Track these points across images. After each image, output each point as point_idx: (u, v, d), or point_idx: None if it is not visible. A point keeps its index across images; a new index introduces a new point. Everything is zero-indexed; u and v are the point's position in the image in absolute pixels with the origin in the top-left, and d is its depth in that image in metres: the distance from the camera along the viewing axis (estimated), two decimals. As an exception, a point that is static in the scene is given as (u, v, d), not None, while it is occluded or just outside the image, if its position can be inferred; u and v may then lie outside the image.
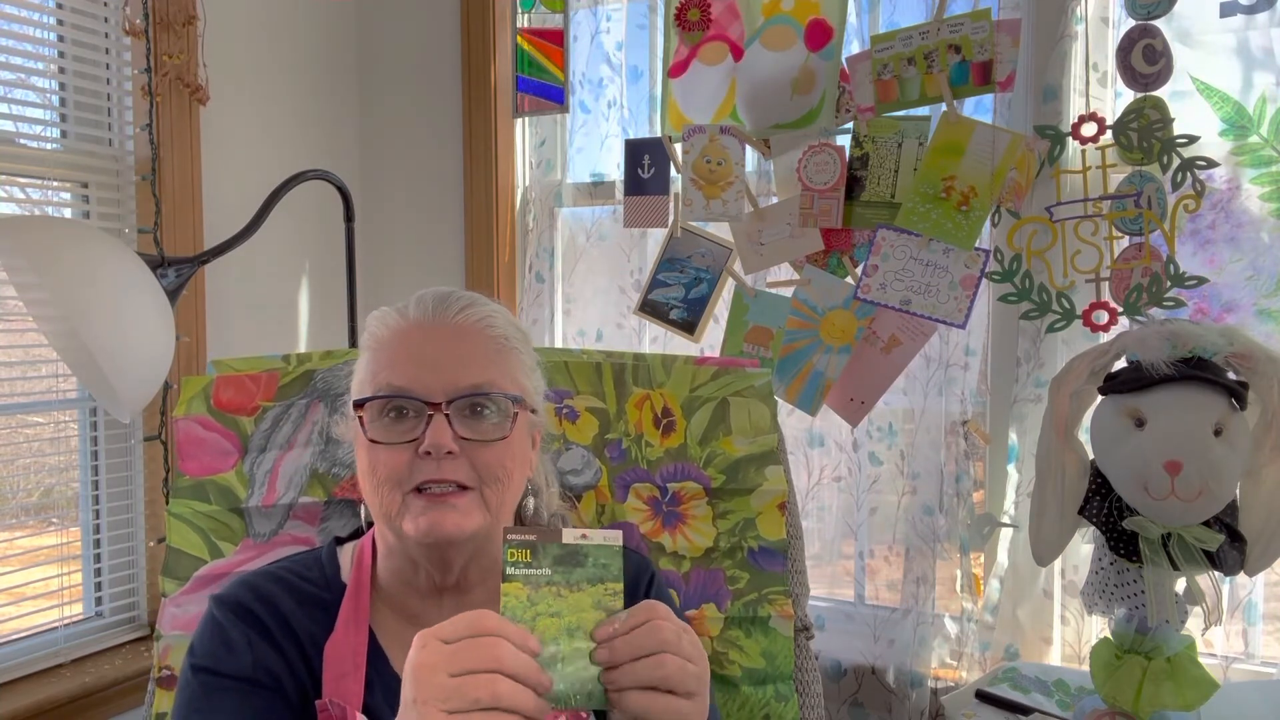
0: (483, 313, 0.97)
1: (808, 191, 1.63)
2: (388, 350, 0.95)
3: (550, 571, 0.76)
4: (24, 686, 1.66)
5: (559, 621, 0.75)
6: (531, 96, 2.15)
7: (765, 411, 1.29)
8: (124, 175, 1.84)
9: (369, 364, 0.96)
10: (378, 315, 0.99)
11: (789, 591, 1.26)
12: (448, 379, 0.92)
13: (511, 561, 0.76)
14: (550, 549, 0.76)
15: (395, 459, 0.92)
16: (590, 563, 0.77)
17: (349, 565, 1.02)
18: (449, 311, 0.96)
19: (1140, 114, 1.49)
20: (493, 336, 0.97)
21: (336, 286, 2.15)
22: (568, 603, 0.76)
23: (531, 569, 0.76)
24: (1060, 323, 1.58)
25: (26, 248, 1.27)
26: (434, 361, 0.93)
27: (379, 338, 0.97)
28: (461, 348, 0.95)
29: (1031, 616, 1.73)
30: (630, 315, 1.98)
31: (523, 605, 0.75)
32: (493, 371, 0.95)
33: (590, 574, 0.77)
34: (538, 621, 0.75)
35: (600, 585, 0.77)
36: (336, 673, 0.94)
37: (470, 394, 0.92)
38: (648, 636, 0.75)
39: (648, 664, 0.75)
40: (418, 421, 0.92)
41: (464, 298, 0.98)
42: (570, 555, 0.77)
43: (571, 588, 0.76)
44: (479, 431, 0.93)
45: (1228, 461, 1.23)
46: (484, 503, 0.93)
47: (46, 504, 1.82)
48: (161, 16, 1.82)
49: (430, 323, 0.96)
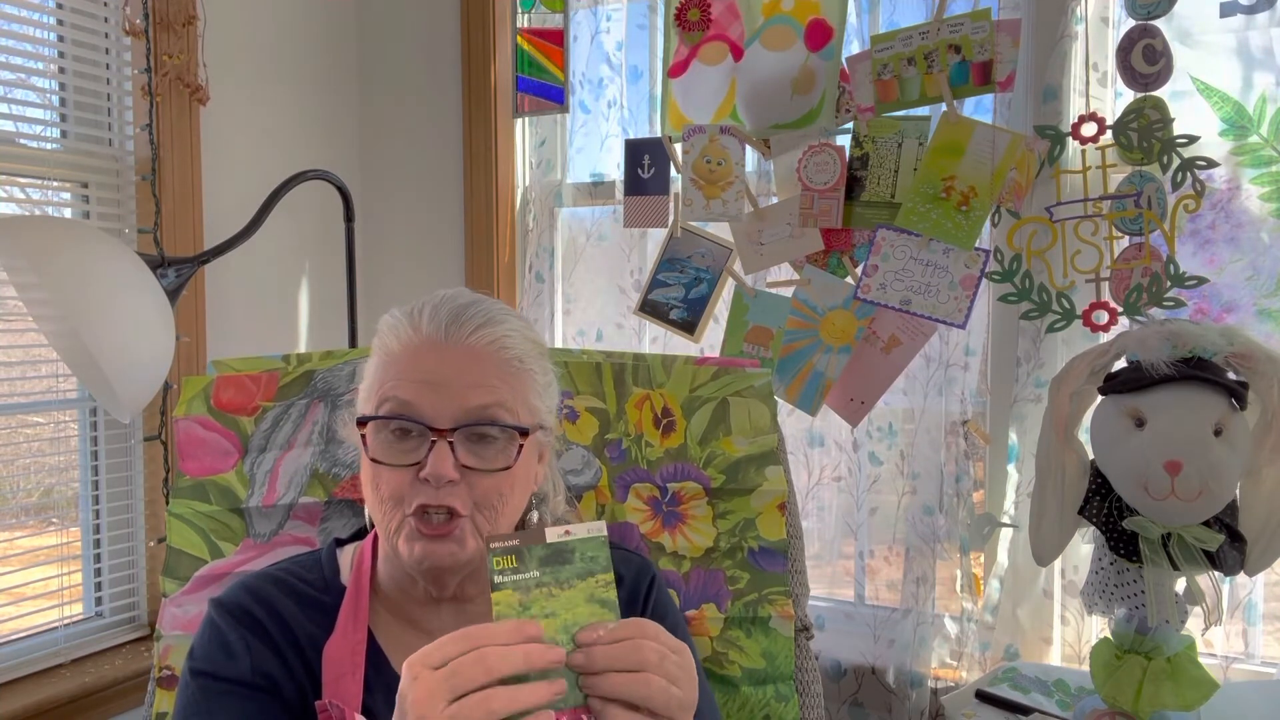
0: (497, 333, 0.94)
1: (808, 191, 1.63)
2: (397, 365, 0.93)
3: (538, 573, 0.75)
4: (24, 686, 1.66)
5: (555, 621, 0.75)
6: (531, 96, 2.15)
7: (765, 412, 1.29)
8: (124, 175, 1.84)
9: (376, 375, 0.95)
10: (390, 321, 0.97)
11: (789, 592, 1.26)
12: (455, 404, 0.90)
13: (499, 570, 0.75)
14: (535, 551, 0.76)
15: (396, 479, 0.91)
16: (577, 557, 0.76)
17: (349, 567, 1.02)
18: (463, 331, 0.93)
19: (1140, 114, 1.49)
20: (506, 359, 0.94)
21: (336, 286, 2.15)
22: (560, 601, 0.75)
23: (519, 574, 0.75)
24: (1060, 323, 1.58)
25: (26, 248, 1.27)
26: (442, 384, 0.91)
27: (389, 349, 0.95)
28: (472, 371, 0.92)
29: (1031, 616, 1.73)
30: (630, 315, 1.98)
31: (515, 611, 0.74)
32: (503, 394, 0.93)
33: (579, 569, 0.76)
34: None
35: (591, 579, 0.76)
36: (335, 673, 0.94)
37: (475, 422, 0.91)
38: (630, 653, 0.74)
39: (631, 680, 0.74)
40: (421, 443, 0.91)
41: (479, 314, 0.95)
42: (556, 554, 0.76)
43: (562, 585, 0.75)
44: (482, 460, 0.91)
45: (1228, 461, 1.23)
46: (476, 530, 0.92)
47: (46, 504, 1.82)
48: (161, 16, 1.82)
49: (443, 342, 0.93)
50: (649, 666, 0.74)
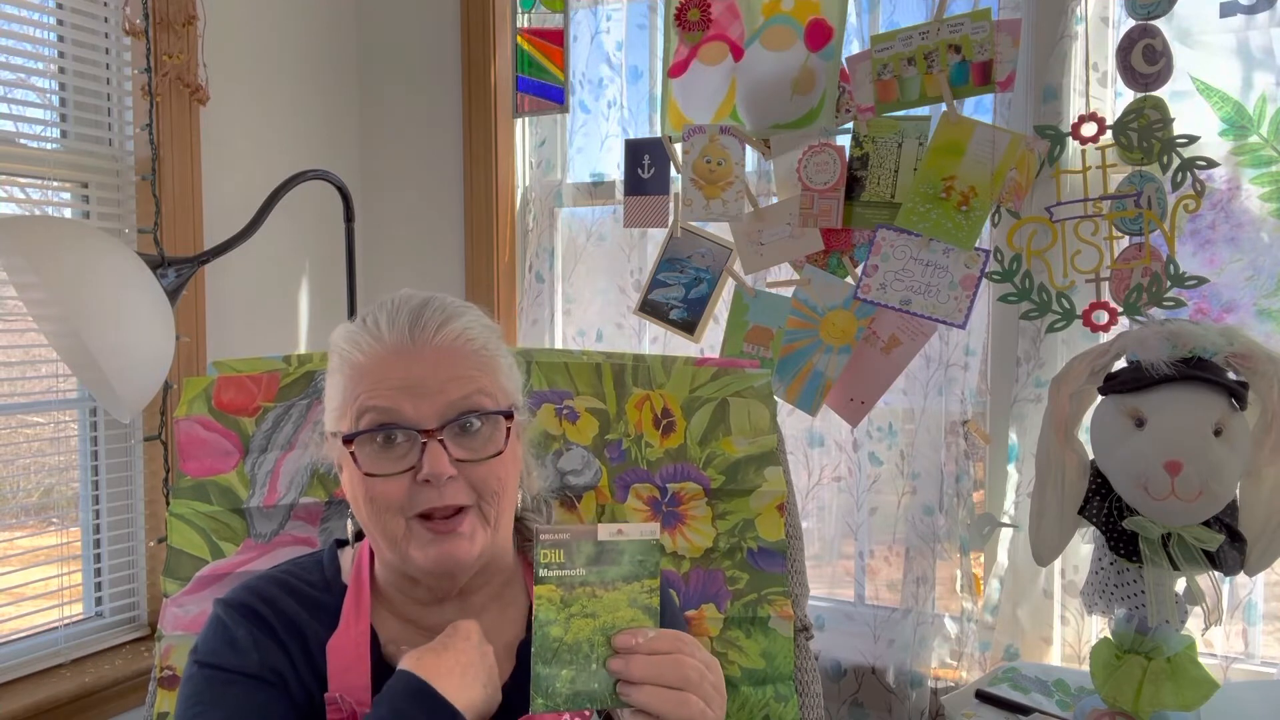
0: (460, 327, 0.94)
1: (808, 191, 1.63)
2: (368, 377, 0.91)
3: (584, 572, 0.74)
4: (24, 686, 1.66)
5: (593, 623, 0.74)
6: (531, 96, 2.15)
7: (765, 412, 1.29)
8: (124, 175, 1.84)
9: (346, 390, 0.93)
10: (346, 334, 0.95)
11: (789, 592, 1.26)
12: (437, 402, 0.90)
13: (544, 563, 0.74)
14: (584, 547, 0.75)
15: (393, 488, 0.90)
16: (626, 560, 0.75)
17: (350, 567, 1.02)
18: (426, 332, 0.92)
19: (1140, 114, 1.49)
20: (474, 350, 0.94)
21: (336, 286, 2.15)
22: (603, 603, 0.74)
23: (565, 570, 0.74)
24: (1060, 323, 1.58)
25: (26, 248, 1.27)
26: (419, 386, 0.90)
27: (354, 363, 0.93)
28: (445, 369, 0.92)
29: (1031, 616, 1.73)
30: (630, 315, 1.98)
31: (555, 607, 0.74)
32: (481, 383, 0.93)
33: (626, 571, 0.75)
34: (572, 623, 0.74)
35: (637, 583, 0.75)
36: (341, 666, 0.94)
37: (461, 414, 0.91)
38: (672, 669, 0.74)
39: (670, 697, 0.74)
40: (410, 447, 0.90)
41: (438, 312, 0.94)
42: (605, 553, 0.75)
43: (607, 587, 0.74)
44: (474, 450, 0.92)
45: (1228, 461, 1.23)
46: (483, 519, 0.93)
47: (46, 504, 1.82)
48: (161, 16, 1.82)
49: (410, 347, 0.92)
50: (690, 686, 0.75)
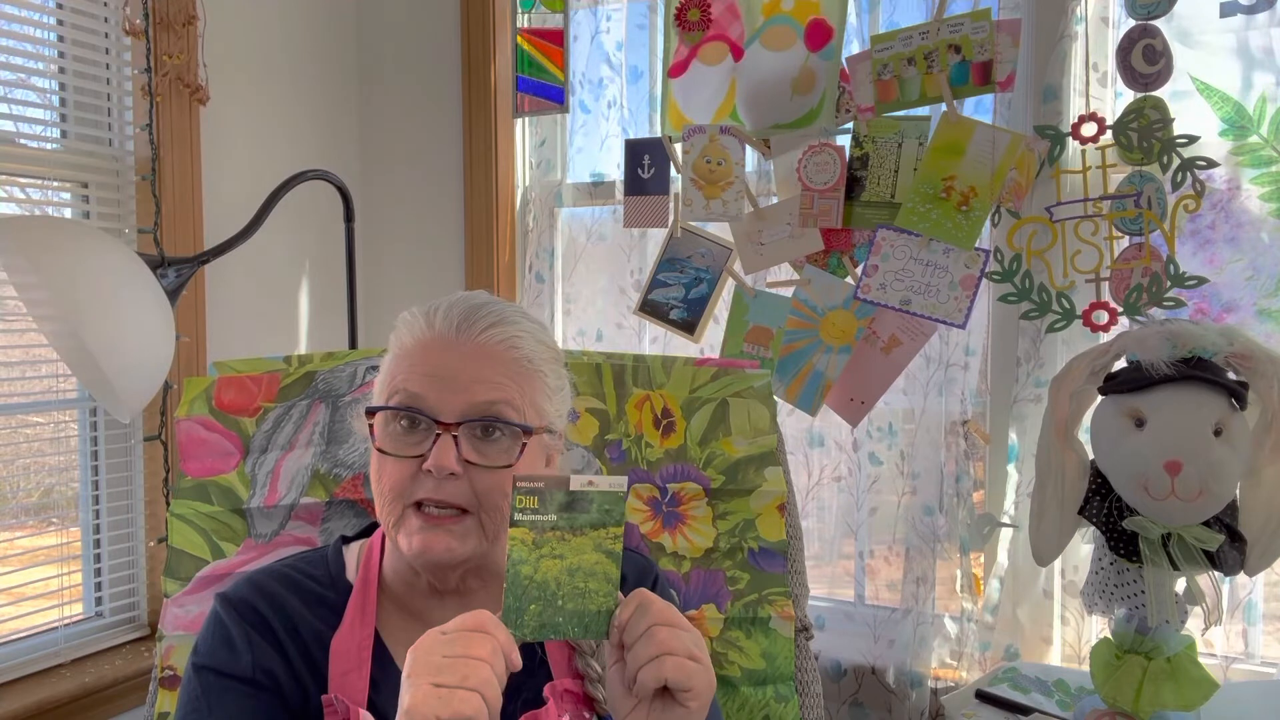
0: (508, 333, 0.95)
1: (808, 191, 1.63)
2: (408, 360, 0.95)
3: (555, 518, 0.80)
4: (24, 686, 1.66)
5: (560, 564, 0.80)
6: (531, 96, 2.15)
7: (765, 412, 1.29)
8: (124, 175, 1.84)
9: (389, 370, 0.96)
10: (407, 319, 0.98)
11: (789, 592, 1.26)
12: (462, 398, 0.92)
13: (519, 508, 0.79)
14: (556, 496, 0.80)
15: (399, 470, 0.92)
16: (595, 508, 0.81)
17: (355, 564, 1.02)
18: (474, 329, 0.94)
19: (1140, 114, 1.49)
20: (515, 358, 0.95)
21: (336, 286, 2.15)
22: (570, 546, 0.80)
23: (538, 515, 0.80)
24: (1060, 323, 1.58)
25: (26, 248, 1.27)
26: (450, 379, 0.92)
27: (403, 345, 0.96)
28: (480, 368, 0.93)
29: (1031, 616, 1.73)
30: (630, 315, 1.98)
31: (527, 549, 0.79)
32: (510, 393, 0.94)
33: (594, 518, 0.81)
34: (541, 563, 0.80)
35: (603, 529, 0.81)
36: (342, 669, 0.95)
37: (481, 417, 0.92)
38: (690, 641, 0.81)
39: (697, 669, 0.81)
40: (426, 436, 0.92)
41: (492, 314, 0.96)
42: (576, 501, 0.80)
43: (575, 532, 0.80)
44: (485, 456, 0.92)
45: (1228, 461, 1.23)
46: (480, 528, 0.93)
47: (46, 504, 1.82)
48: (161, 16, 1.82)
49: (454, 338, 0.94)
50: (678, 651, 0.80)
